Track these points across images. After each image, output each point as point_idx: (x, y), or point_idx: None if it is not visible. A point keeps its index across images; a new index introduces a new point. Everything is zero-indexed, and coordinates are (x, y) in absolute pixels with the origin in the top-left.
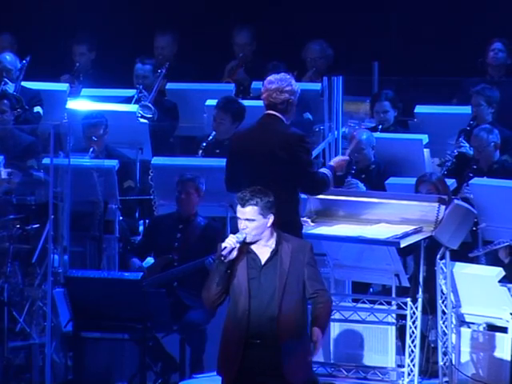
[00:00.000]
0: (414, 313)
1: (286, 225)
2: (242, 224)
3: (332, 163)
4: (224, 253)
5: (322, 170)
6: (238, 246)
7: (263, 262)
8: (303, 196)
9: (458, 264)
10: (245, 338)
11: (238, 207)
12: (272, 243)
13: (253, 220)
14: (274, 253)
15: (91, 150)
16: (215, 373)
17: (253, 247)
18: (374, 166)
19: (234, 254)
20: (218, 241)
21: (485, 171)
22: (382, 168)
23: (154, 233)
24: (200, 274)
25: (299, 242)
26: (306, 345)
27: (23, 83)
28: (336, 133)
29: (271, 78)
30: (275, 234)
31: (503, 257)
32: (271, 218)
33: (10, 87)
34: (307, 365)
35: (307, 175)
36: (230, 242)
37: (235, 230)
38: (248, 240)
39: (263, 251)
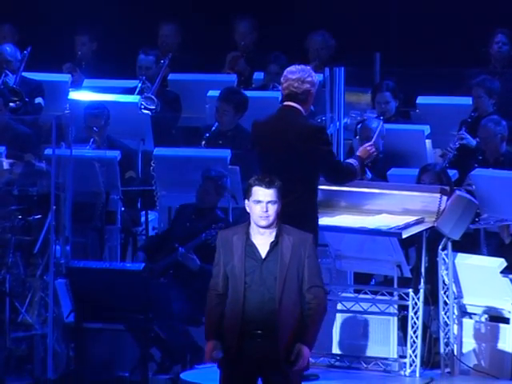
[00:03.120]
0: (415, 303)
1: (303, 216)
2: (262, 207)
3: (358, 153)
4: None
5: (348, 160)
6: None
7: (264, 255)
8: None
9: (459, 255)
10: (240, 329)
11: (260, 190)
12: (273, 235)
13: (275, 202)
14: (274, 245)
15: (92, 140)
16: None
17: (253, 239)
18: (381, 155)
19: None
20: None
21: (490, 163)
22: (389, 159)
23: (175, 219)
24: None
25: (300, 234)
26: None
27: (24, 74)
28: (338, 123)
29: (292, 68)
30: (277, 227)
31: (504, 237)
32: (280, 206)
33: (11, 79)
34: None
35: (330, 165)
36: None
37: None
38: (268, 223)
39: (264, 243)
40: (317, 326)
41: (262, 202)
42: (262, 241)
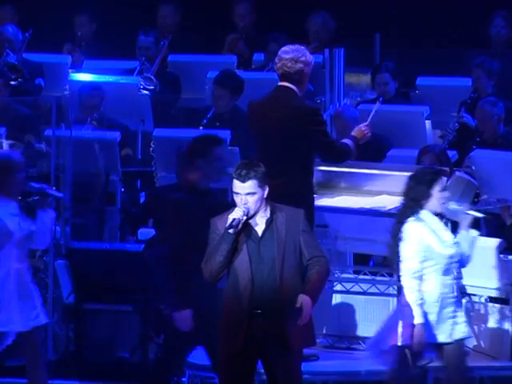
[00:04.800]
0: None
1: (298, 196)
2: (242, 199)
3: (353, 133)
4: (234, 224)
5: (343, 140)
6: (244, 218)
7: (260, 234)
8: None
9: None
10: (248, 309)
11: (237, 183)
12: (267, 214)
13: (254, 193)
14: (269, 223)
15: (88, 120)
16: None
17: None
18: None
19: (240, 225)
20: (218, 213)
21: (489, 144)
22: (370, 140)
23: (153, 203)
24: None
25: (291, 210)
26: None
27: (25, 55)
28: (337, 104)
29: (286, 48)
30: (269, 205)
31: (505, 217)
32: (267, 190)
33: (12, 58)
34: (310, 330)
35: (324, 144)
36: (237, 214)
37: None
38: (250, 214)
39: (259, 223)
40: (320, 283)
41: (239, 193)
42: (257, 221)
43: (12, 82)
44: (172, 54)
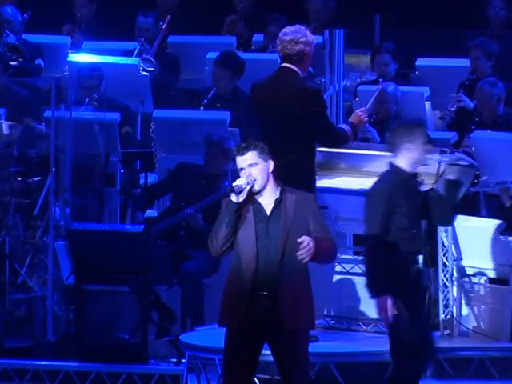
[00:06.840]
0: None
1: (300, 177)
2: (246, 172)
3: (351, 119)
4: (236, 189)
5: (340, 125)
6: (248, 187)
7: (269, 213)
8: None
9: (459, 217)
10: (251, 289)
11: (238, 159)
12: (277, 194)
13: (255, 164)
14: (279, 202)
15: (86, 100)
16: (216, 326)
17: (259, 199)
18: (391, 120)
19: (244, 195)
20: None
21: (488, 124)
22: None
23: (176, 177)
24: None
25: (303, 193)
26: (309, 294)
27: (24, 36)
28: (337, 85)
29: (286, 29)
30: (279, 186)
31: (504, 199)
32: (271, 164)
33: (12, 39)
34: (310, 313)
35: (322, 127)
36: (241, 181)
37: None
38: (257, 187)
39: (268, 202)
40: (328, 246)
41: (243, 168)
42: (267, 200)
43: (12, 63)
44: (171, 35)
